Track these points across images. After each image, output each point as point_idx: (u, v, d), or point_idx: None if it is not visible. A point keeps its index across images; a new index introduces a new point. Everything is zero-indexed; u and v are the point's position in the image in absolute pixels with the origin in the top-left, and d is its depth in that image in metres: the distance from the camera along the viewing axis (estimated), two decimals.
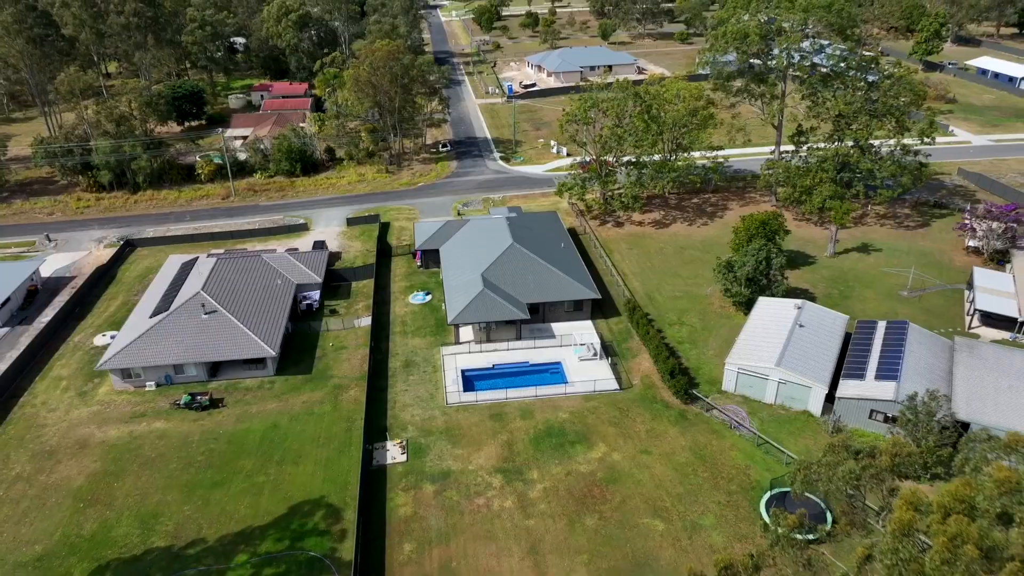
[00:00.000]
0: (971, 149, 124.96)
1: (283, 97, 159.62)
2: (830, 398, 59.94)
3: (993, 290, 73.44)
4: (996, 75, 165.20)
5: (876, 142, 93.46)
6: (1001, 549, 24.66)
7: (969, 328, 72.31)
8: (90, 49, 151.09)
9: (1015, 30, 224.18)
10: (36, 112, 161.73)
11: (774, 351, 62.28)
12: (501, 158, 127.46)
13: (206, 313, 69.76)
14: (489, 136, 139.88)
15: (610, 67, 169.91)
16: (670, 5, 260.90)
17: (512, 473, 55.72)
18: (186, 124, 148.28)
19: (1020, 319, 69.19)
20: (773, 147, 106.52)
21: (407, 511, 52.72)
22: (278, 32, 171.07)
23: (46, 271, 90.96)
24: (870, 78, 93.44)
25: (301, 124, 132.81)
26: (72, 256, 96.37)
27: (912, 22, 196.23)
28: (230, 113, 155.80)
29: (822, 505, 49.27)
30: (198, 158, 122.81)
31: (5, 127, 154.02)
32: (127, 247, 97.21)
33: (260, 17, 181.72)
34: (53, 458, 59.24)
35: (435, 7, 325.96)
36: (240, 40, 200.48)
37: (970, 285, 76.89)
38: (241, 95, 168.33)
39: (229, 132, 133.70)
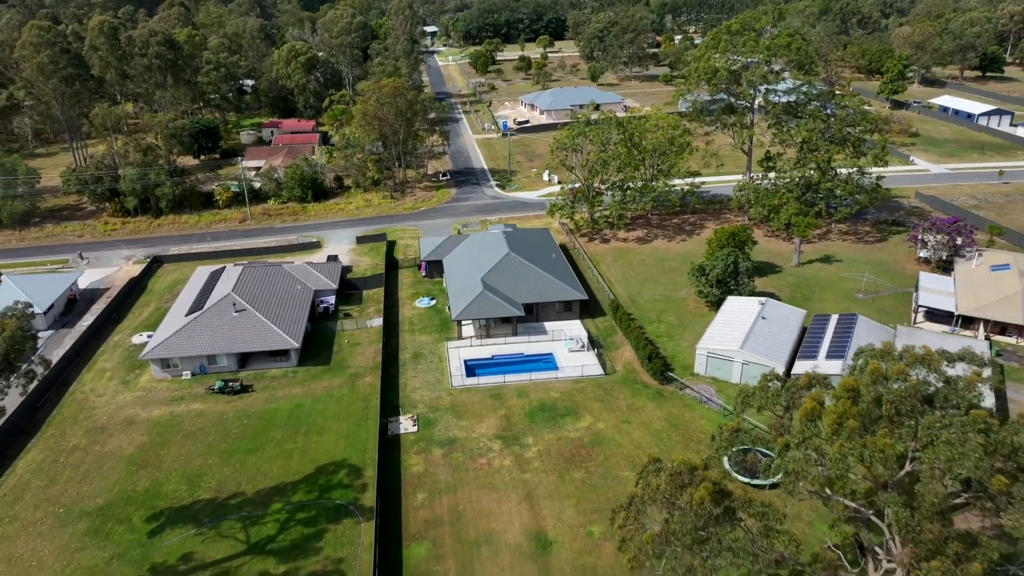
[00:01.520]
0: (929, 176, 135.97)
1: (292, 133, 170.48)
2: (788, 376, 68.51)
3: (935, 290, 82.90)
4: (956, 112, 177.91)
5: (839, 168, 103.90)
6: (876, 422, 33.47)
7: (914, 323, 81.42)
8: (114, 88, 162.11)
9: (978, 73, 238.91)
10: (58, 148, 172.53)
11: (739, 337, 71.16)
12: (497, 186, 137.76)
13: (236, 311, 78.36)
14: (486, 167, 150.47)
15: (598, 105, 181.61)
16: (655, 50, 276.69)
17: (510, 439, 63.93)
18: (202, 157, 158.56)
19: (956, 313, 78.40)
20: (746, 172, 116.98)
21: (419, 469, 60.77)
22: (287, 73, 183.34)
23: (82, 283, 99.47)
24: (828, 109, 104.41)
25: (311, 156, 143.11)
26: (105, 271, 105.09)
27: (880, 64, 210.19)
28: (242, 148, 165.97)
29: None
30: (216, 186, 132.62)
31: (30, 161, 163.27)
32: (155, 263, 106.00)
33: (270, 60, 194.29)
34: (105, 432, 67.15)
35: (432, 52, 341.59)
36: (249, 82, 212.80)
37: (917, 288, 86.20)
38: (252, 131, 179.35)
39: (244, 163, 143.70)
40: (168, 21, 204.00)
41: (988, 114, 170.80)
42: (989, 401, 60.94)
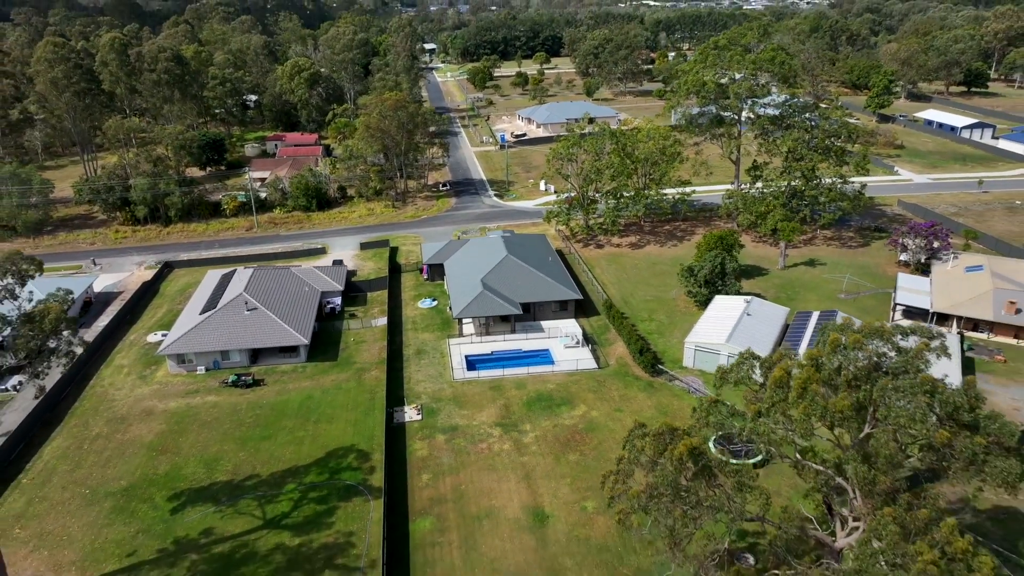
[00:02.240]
0: (912, 185, 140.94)
1: (296, 146, 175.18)
2: None
3: (913, 290, 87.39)
4: (940, 125, 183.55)
5: (823, 176, 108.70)
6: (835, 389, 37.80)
7: (892, 321, 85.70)
8: (123, 102, 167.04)
9: (963, 88, 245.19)
10: (66, 161, 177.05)
11: (725, 332, 75.34)
12: (495, 195, 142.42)
13: (248, 310, 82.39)
14: (484, 178, 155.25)
15: (592, 119, 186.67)
16: (649, 66, 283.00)
17: (509, 426, 67.86)
18: (208, 169, 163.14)
19: (931, 311, 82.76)
20: (735, 181, 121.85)
21: (424, 453, 64.62)
22: (291, 88, 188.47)
23: (96, 287, 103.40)
24: (812, 121, 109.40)
25: (315, 167, 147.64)
26: (118, 276, 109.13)
27: (867, 79, 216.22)
28: (247, 160, 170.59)
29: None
30: (223, 196, 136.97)
31: (39, 173, 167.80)
32: (166, 268, 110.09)
33: (274, 75, 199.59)
34: (125, 422, 70.90)
35: (431, 69, 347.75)
36: (252, 97, 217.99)
37: (896, 288, 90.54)
38: (256, 144, 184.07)
39: (251, 174, 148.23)
40: (175, 38, 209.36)
41: (971, 127, 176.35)
42: (954, 374, 65.18)
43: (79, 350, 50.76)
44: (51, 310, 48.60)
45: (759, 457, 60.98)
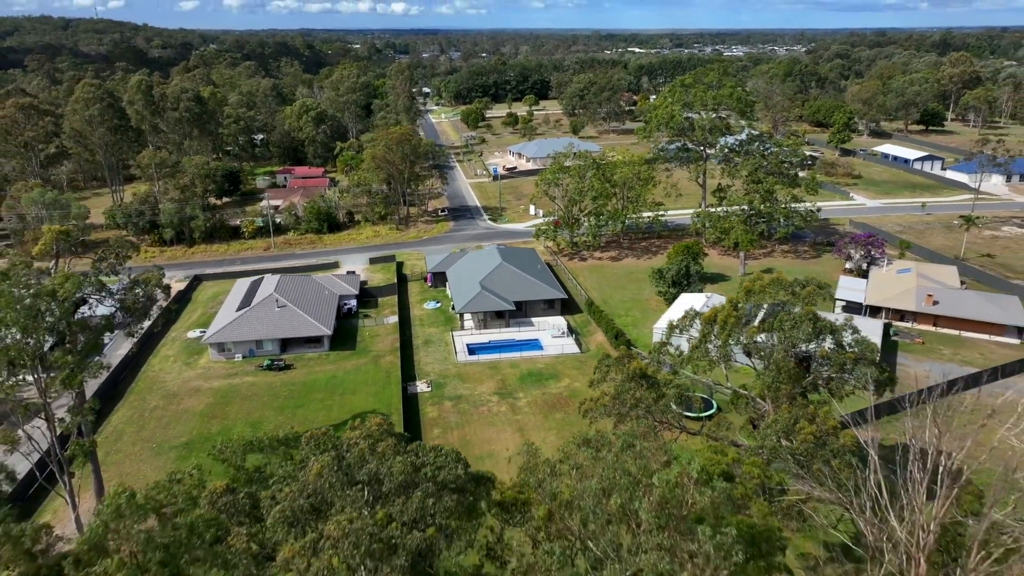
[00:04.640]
0: (865, 209, 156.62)
1: (304, 178, 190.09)
2: None
3: (850, 288, 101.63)
4: (895, 158, 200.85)
5: (779, 197, 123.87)
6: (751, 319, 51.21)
7: (833, 313, 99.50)
8: (147, 138, 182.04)
9: (922, 126, 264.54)
10: (89, 193, 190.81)
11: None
12: (489, 219, 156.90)
13: (279, 307, 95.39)
14: (479, 205, 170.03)
15: (575, 153, 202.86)
16: (631, 107, 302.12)
17: (505, 394, 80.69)
18: (224, 199, 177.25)
19: (864, 304, 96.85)
20: (702, 202, 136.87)
21: (434, 415, 77.27)
22: (299, 126, 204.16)
23: None
24: (767, 148, 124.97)
25: (324, 194, 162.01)
26: None
27: (829, 117, 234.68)
28: (260, 191, 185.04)
29: (713, 402, 74.89)
30: (241, 220, 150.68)
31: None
32: (196, 281, 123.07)
33: (282, 114, 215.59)
34: (177, 397, 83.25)
35: (427, 111, 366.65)
36: (259, 136, 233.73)
37: (838, 288, 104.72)
38: (267, 177, 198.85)
39: (268, 201, 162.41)
40: (193, 80, 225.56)
41: (922, 159, 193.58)
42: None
43: (164, 302, 63.30)
44: (152, 278, 61.74)
45: (712, 411, 74.21)
